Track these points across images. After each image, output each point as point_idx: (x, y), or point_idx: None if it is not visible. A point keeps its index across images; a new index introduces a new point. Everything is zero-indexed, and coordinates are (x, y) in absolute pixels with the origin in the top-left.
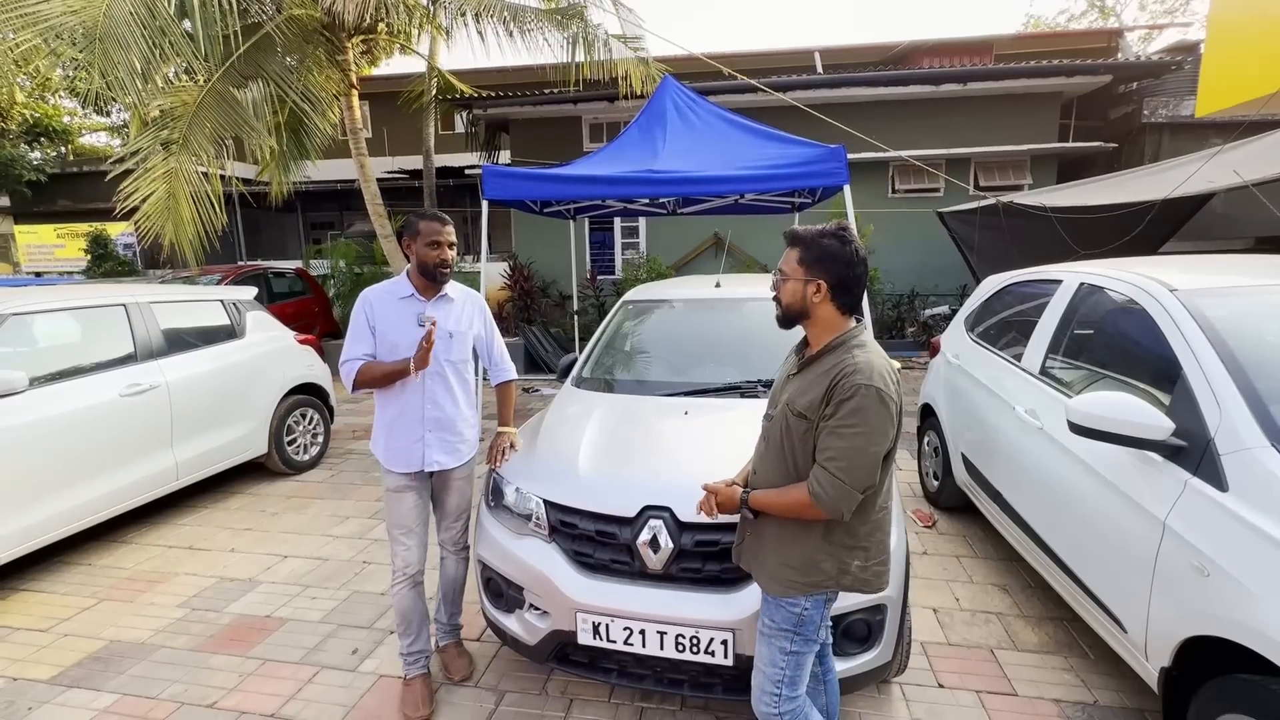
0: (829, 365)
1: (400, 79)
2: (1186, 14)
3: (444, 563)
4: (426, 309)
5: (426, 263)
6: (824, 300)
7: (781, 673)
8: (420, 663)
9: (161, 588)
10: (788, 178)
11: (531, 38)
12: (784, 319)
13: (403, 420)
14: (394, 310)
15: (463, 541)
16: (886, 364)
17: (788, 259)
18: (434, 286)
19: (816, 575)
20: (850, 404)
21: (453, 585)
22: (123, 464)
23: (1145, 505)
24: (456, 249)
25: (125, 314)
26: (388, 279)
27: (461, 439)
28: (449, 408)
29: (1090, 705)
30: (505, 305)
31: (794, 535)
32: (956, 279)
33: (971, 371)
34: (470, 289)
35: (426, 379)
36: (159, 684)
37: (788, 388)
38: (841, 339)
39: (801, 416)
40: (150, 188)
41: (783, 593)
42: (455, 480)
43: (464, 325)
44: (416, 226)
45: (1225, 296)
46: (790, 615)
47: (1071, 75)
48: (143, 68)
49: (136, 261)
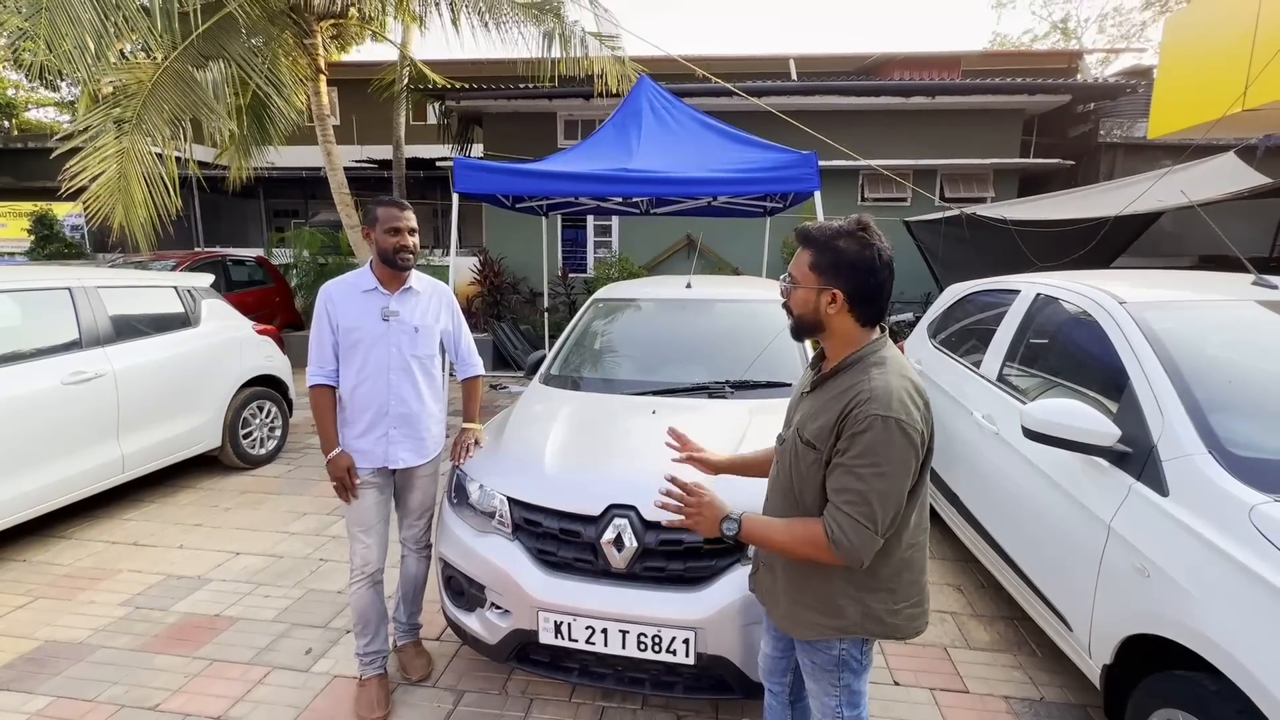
0: (843, 387)
1: (372, 66)
2: (1142, 40)
3: (405, 561)
4: (391, 302)
5: (386, 250)
6: (841, 311)
7: (839, 701)
8: (377, 663)
9: (103, 585)
10: (760, 181)
11: (507, 31)
12: (796, 331)
13: (366, 415)
14: (356, 303)
15: (425, 540)
16: (909, 384)
17: (798, 262)
18: (398, 278)
19: (840, 619)
20: (865, 439)
21: (413, 584)
22: (63, 455)
23: (1092, 508)
24: (419, 236)
25: (70, 298)
26: (352, 270)
27: (428, 435)
28: (414, 404)
29: (1037, 701)
30: (475, 301)
31: (810, 572)
32: (922, 286)
33: (933, 377)
34: (438, 281)
35: (391, 373)
36: (97, 685)
37: (800, 407)
38: (859, 355)
39: (810, 445)
40: (100, 167)
41: (804, 636)
42: (420, 478)
43: (430, 319)
44: (375, 213)
45: (1171, 310)
46: (828, 658)
47: (1033, 94)
48: (94, 41)
49: (85, 244)
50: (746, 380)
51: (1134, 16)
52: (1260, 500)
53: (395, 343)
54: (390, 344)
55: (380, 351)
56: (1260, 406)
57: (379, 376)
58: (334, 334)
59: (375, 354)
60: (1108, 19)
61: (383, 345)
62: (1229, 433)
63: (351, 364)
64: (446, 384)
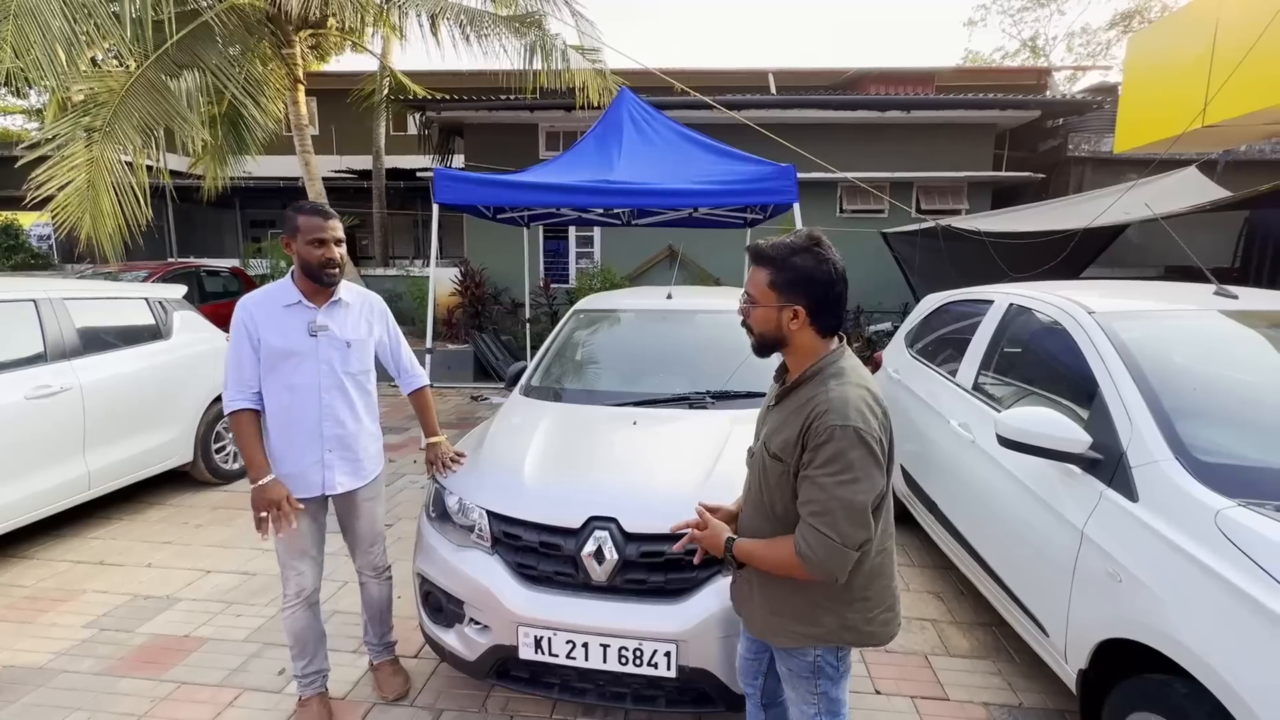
0: (805, 399)
1: (351, 76)
2: (1107, 57)
3: (364, 588)
4: (318, 316)
5: (310, 263)
6: (803, 326)
7: (817, 709)
8: (317, 683)
9: (66, 607)
10: (740, 193)
11: (488, 43)
12: (760, 348)
13: (298, 439)
14: (278, 319)
15: (383, 564)
16: (866, 393)
17: (755, 281)
18: (324, 291)
19: (817, 628)
20: (827, 450)
21: (378, 607)
22: (26, 472)
23: (1066, 515)
24: (344, 245)
25: (35, 310)
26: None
27: (366, 456)
28: (351, 424)
29: (1015, 708)
30: (456, 311)
31: (781, 581)
32: (899, 297)
33: (910, 386)
34: (368, 291)
35: (323, 393)
36: (58, 711)
37: (768, 420)
38: (819, 367)
39: (776, 458)
40: (67, 176)
41: (781, 644)
42: (362, 503)
43: (363, 332)
44: (295, 222)
45: (1138, 320)
46: (804, 665)
47: (1005, 109)
48: (63, 49)
49: (53, 255)
50: (727, 390)
51: (1100, 35)
52: (1225, 505)
53: (325, 359)
54: (320, 361)
55: (309, 370)
56: (1224, 413)
57: (310, 397)
58: (255, 353)
59: (304, 373)
60: (1075, 38)
61: (311, 363)
62: (1195, 439)
63: (278, 385)
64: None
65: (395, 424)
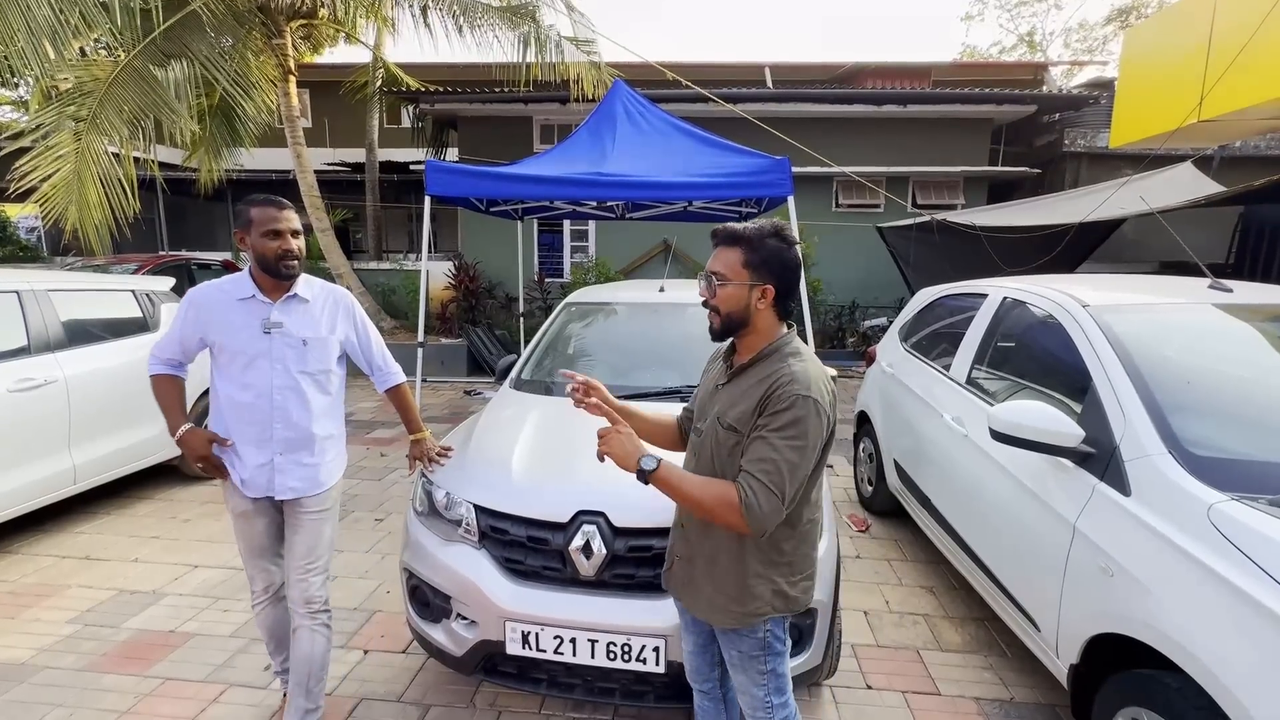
0: (763, 374)
1: (344, 68)
2: (1104, 53)
3: (296, 635)
4: (273, 312)
5: (266, 256)
6: (767, 306)
7: (766, 689)
8: None
9: (49, 602)
10: (734, 186)
11: (482, 34)
12: (723, 329)
13: (249, 439)
14: (232, 313)
15: (318, 599)
16: (823, 374)
17: (725, 260)
18: (281, 285)
19: (753, 604)
20: (788, 414)
21: (307, 667)
22: (11, 466)
23: (1058, 509)
24: (302, 237)
25: (18, 301)
26: (321, 274)
27: (321, 462)
28: (305, 426)
29: (1007, 702)
30: (449, 305)
31: (728, 560)
32: (895, 291)
33: (904, 380)
34: (334, 286)
35: (275, 393)
36: (39, 708)
37: (717, 399)
38: (775, 346)
39: (732, 429)
40: (52, 167)
41: (727, 624)
42: (306, 514)
43: (323, 330)
44: (248, 215)
45: (1132, 313)
46: (754, 642)
47: (1001, 103)
48: (49, 38)
49: (41, 246)
50: None
51: (1097, 31)
52: (1218, 499)
53: (279, 358)
54: (274, 360)
55: (262, 368)
56: (1217, 407)
57: (261, 396)
58: (184, 340)
59: (256, 371)
60: (1072, 33)
61: (264, 361)
62: (1188, 433)
63: (231, 383)
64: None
65: (387, 418)
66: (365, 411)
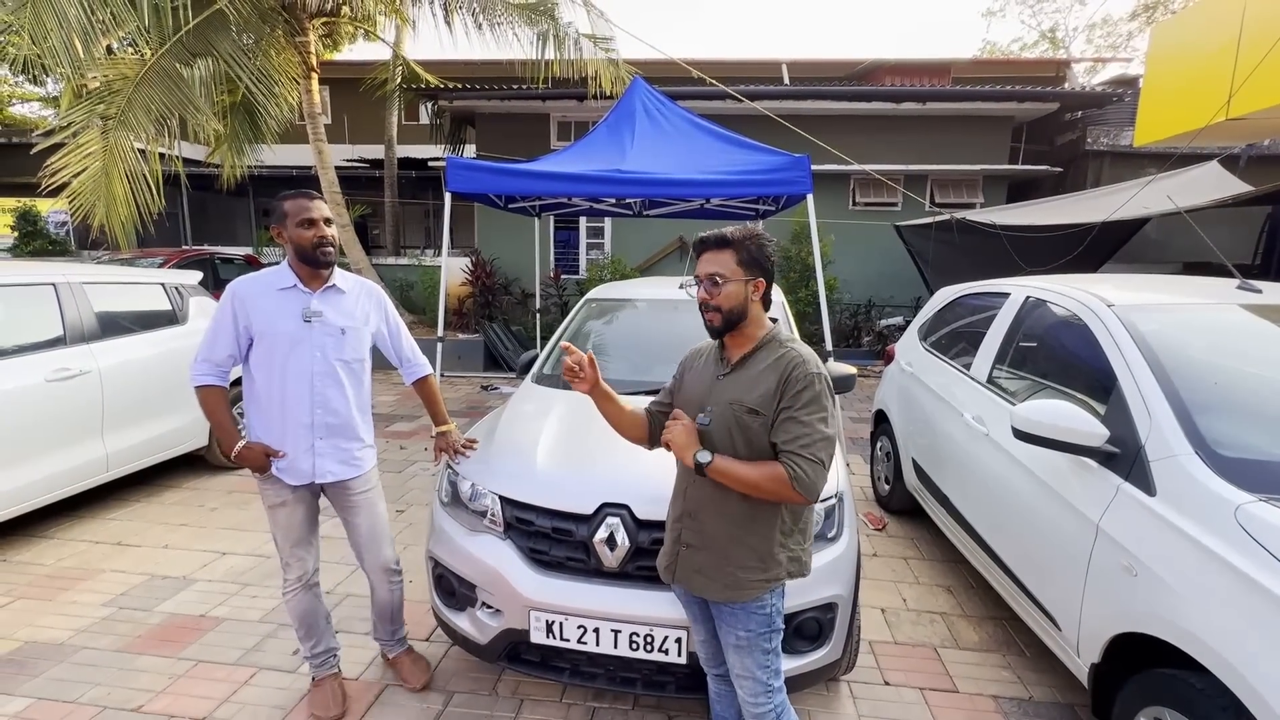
0: (771, 359)
1: (364, 65)
2: (1128, 49)
3: (375, 591)
4: (313, 301)
5: (303, 245)
6: (758, 300)
7: (768, 670)
8: (329, 662)
9: (85, 585)
10: (753, 184)
11: (501, 32)
12: (725, 326)
13: (290, 426)
14: (273, 303)
15: (393, 565)
16: (815, 355)
17: (721, 262)
18: (319, 275)
19: (775, 569)
20: (808, 393)
21: (387, 610)
22: (47, 453)
23: (1081, 508)
24: (334, 225)
25: (55, 294)
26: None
27: (360, 447)
28: (344, 412)
29: (1025, 701)
30: (466, 301)
31: (750, 532)
32: (912, 290)
33: (923, 379)
34: (366, 280)
35: (315, 379)
36: (79, 687)
37: (723, 389)
38: (771, 335)
39: (754, 412)
40: (82, 164)
41: (747, 597)
42: (356, 495)
43: (359, 320)
44: (282, 209)
45: (1158, 313)
46: (762, 618)
47: (1022, 101)
48: (79, 36)
49: (70, 241)
50: None
51: (1121, 27)
52: (1245, 499)
53: (319, 345)
54: (314, 347)
55: (303, 356)
56: (1245, 407)
57: (301, 383)
58: (238, 335)
59: (297, 359)
60: (1096, 29)
61: (305, 349)
62: (1215, 433)
63: (270, 371)
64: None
65: (407, 411)
66: (384, 405)
